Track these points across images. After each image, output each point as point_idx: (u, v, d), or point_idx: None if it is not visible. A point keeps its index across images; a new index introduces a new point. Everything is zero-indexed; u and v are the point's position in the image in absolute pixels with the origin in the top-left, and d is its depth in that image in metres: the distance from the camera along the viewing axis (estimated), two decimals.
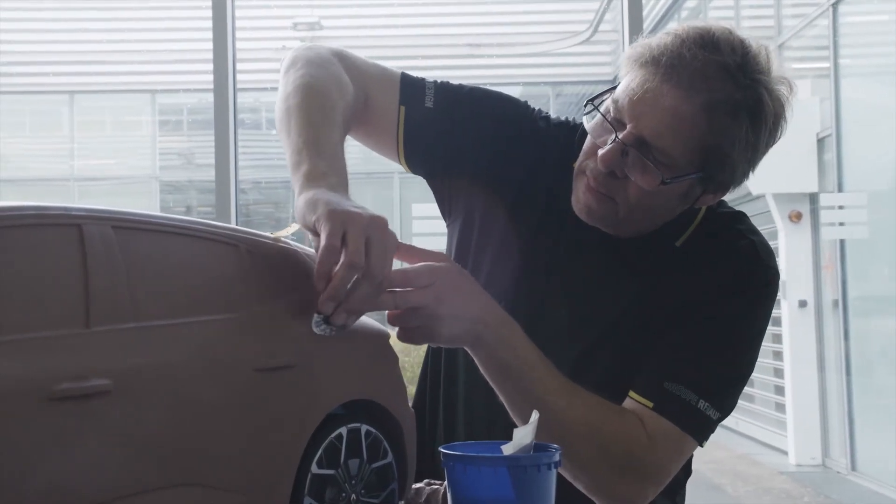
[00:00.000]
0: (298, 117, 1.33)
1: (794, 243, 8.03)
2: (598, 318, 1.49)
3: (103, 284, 0.98)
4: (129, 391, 0.97)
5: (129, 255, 1.03)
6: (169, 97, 11.04)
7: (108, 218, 1.03)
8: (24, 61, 11.20)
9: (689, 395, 1.39)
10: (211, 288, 1.12)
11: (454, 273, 1.31)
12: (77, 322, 0.96)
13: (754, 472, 7.94)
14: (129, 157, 11.56)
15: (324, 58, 1.45)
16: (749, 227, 1.50)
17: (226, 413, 1.06)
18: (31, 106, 11.66)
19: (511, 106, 1.57)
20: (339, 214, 1.13)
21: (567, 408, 1.35)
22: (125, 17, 10.71)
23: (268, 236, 1.23)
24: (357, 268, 1.11)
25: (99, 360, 0.95)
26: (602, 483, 1.40)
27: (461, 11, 10.55)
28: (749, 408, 9.34)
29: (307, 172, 1.24)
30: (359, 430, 1.21)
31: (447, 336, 1.31)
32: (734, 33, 1.36)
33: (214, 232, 1.15)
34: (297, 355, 1.15)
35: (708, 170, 1.36)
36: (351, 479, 1.19)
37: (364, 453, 1.21)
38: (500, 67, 10.25)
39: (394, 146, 1.53)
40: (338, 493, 1.17)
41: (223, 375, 1.07)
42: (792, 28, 8.61)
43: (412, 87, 1.53)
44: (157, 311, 1.04)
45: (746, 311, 1.45)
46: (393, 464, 1.25)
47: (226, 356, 1.08)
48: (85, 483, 0.92)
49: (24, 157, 11.72)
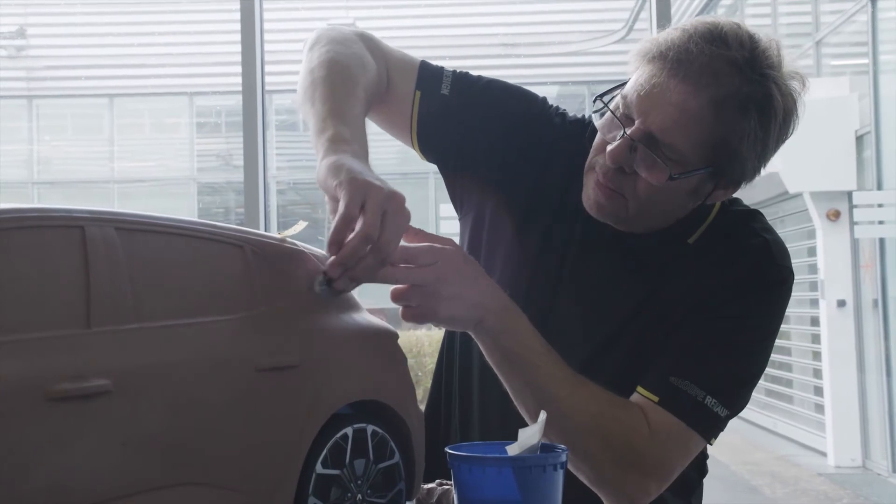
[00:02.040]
0: (324, 88, 1.34)
1: (832, 242, 7.93)
2: (610, 314, 1.48)
3: (105, 285, 0.99)
4: (129, 391, 0.98)
5: (133, 256, 1.04)
6: (206, 99, 11.14)
7: (111, 219, 1.04)
8: (65, 65, 11.37)
9: (695, 391, 1.38)
10: (215, 289, 1.12)
11: (458, 256, 1.31)
12: (78, 322, 0.97)
13: (792, 474, 7.85)
14: (168, 159, 11.68)
15: (347, 37, 1.47)
16: (763, 225, 1.48)
17: (228, 413, 1.07)
18: (72, 109, 11.83)
19: (527, 101, 1.57)
20: (361, 184, 1.14)
21: (569, 397, 1.34)
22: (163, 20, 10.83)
23: (274, 237, 1.24)
24: (371, 239, 1.13)
25: (99, 361, 0.96)
26: (604, 476, 1.39)
27: (495, 11, 10.54)
28: (788, 409, 9.25)
29: (332, 137, 1.25)
30: (365, 430, 1.21)
31: (447, 316, 1.31)
32: (743, 28, 1.34)
33: (219, 233, 1.15)
34: (302, 355, 1.16)
35: (717, 165, 1.34)
36: (357, 479, 1.19)
37: (370, 453, 1.21)
38: (535, 67, 10.22)
39: (407, 130, 1.54)
40: (343, 494, 1.17)
41: (225, 375, 1.07)
42: (830, 24, 8.50)
43: (430, 73, 1.54)
44: (159, 311, 1.04)
45: (758, 310, 1.43)
46: (400, 464, 1.25)
47: (228, 356, 1.08)
48: (84, 482, 0.93)
49: (67, 159, 11.90)
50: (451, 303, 1.30)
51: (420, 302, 1.28)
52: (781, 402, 9.47)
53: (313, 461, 1.15)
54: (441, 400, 1.66)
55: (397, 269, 1.25)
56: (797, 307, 9.21)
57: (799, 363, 9.16)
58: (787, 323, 9.50)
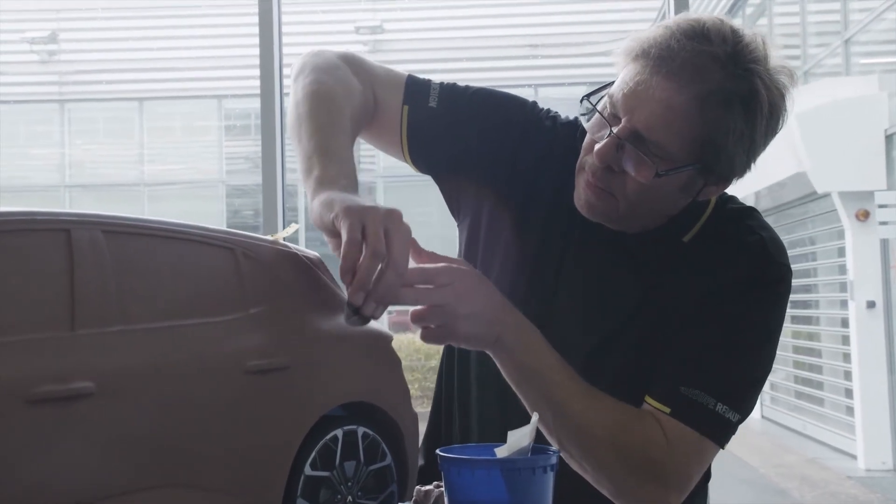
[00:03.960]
0: (308, 124, 1.36)
1: (861, 243, 7.82)
2: (608, 315, 1.46)
3: (90, 288, 1.00)
4: (113, 393, 0.99)
5: (120, 259, 1.05)
6: (235, 102, 11.22)
7: (98, 223, 1.06)
8: (96, 70, 11.49)
9: (706, 399, 1.36)
10: (204, 291, 1.13)
11: (473, 275, 1.32)
12: (62, 325, 0.98)
13: (822, 477, 7.76)
14: (197, 162, 11.77)
15: (331, 63, 1.47)
16: (759, 222, 1.46)
17: (215, 415, 1.08)
18: (103, 113, 11.95)
19: (516, 106, 1.56)
20: (357, 209, 1.16)
21: (586, 411, 1.34)
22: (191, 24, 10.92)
23: (267, 239, 1.24)
24: (380, 256, 1.14)
25: (83, 363, 0.97)
26: (625, 488, 1.38)
27: (522, 12, 10.53)
28: (818, 411, 9.15)
29: (319, 177, 1.27)
30: (356, 433, 1.21)
31: (466, 335, 1.31)
32: (726, 23, 1.33)
33: (209, 236, 1.16)
34: (292, 357, 1.17)
35: (704, 161, 1.33)
36: (347, 480, 1.19)
37: (361, 455, 1.21)
38: (562, 68, 10.20)
39: (398, 145, 1.54)
40: (333, 495, 1.18)
41: (213, 377, 1.08)
42: (859, 22, 8.40)
43: (417, 87, 1.53)
44: (146, 314, 1.05)
45: (758, 310, 1.41)
46: (392, 466, 1.25)
47: (216, 358, 1.09)
48: (66, 483, 0.94)
49: (98, 162, 12.02)
50: (470, 321, 1.30)
51: (440, 322, 1.29)
52: (811, 404, 9.36)
53: (302, 463, 1.16)
54: (442, 403, 1.66)
55: (417, 289, 1.26)
56: (827, 308, 9.11)
57: (829, 365, 9.05)
58: (817, 324, 9.40)
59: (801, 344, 9.76)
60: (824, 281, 9.12)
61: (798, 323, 9.83)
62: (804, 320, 9.74)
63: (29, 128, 12.19)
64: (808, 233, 9.38)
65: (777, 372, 10.30)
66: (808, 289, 9.61)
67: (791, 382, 9.87)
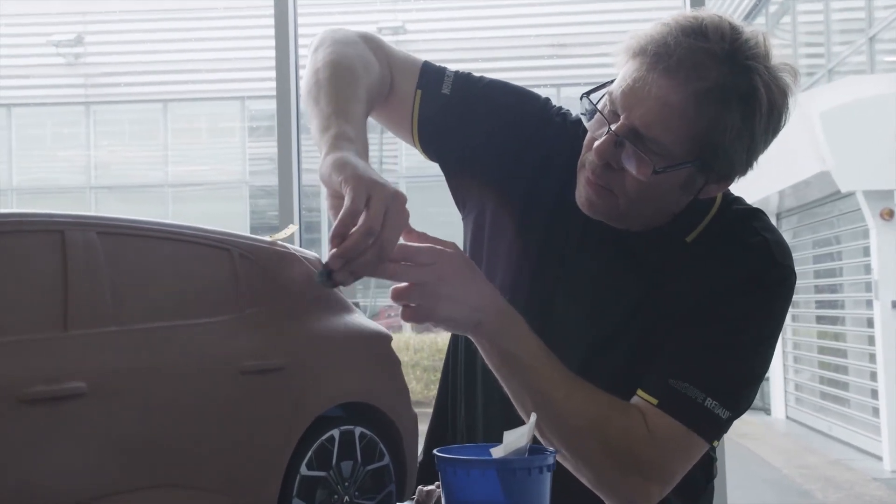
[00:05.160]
0: (328, 88, 1.37)
1: (886, 242, 7.74)
2: (609, 313, 1.46)
3: (83, 288, 1.01)
4: (105, 393, 0.99)
5: (115, 259, 1.06)
6: (258, 103, 11.27)
7: (92, 224, 1.06)
8: (121, 72, 11.58)
9: (694, 393, 1.36)
10: (200, 292, 1.14)
11: (458, 257, 1.32)
12: (54, 325, 0.99)
13: (846, 478, 7.69)
14: (221, 163, 11.83)
15: (351, 39, 1.50)
16: (764, 224, 1.45)
17: (209, 415, 1.08)
18: (128, 115, 12.05)
19: (528, 102, 1.57)
20: (366, 181, 1.17)
21: (566, 400, 1.33)
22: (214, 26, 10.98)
23: (264, 240, 1.25)
24: (373, 234, 1.15)
25: (75, 363, 0.98)
26: (604, 479, 1.37)
27: (546, 12, 10.51)
28: (843, 412, 9.07)
29: (336, 134, 1.28)
30: (353, 433, 1.21)
31: (445, 317, 1.31)
32: (725, 19, 1.32)
33: (205, 237, 1.17)
34: (288, 358, 1.17)
35: (703, 159, 1.33)
36: (344, 480, 1.19)
37: (358, 455, 1.21)
38: (586, 67, 10.17)
39: (409, 129, 1.55)
40: (330, 495, 1.18)
41: (207, 378, 1.09)
42: (883, 20, 8.32)
43: (432, 73, 1.55)
44: (140, 314, 1.06)
45: (758, 310, 1.40)
46: (390, 466, 1.26)
47: (210, 359, 1.10)
48: (58, 483, 0.94)
49: (124, 164, 12.12)
50: (450, 303, 1.30)
51: (419, 301, 1.29)
52: (836, 405, 9.29)
53: (298, 463, 1.16)
54: (447, 402, 1.66)
55: (397, 266, 1.26)
56: (852, 308, 9.03)
57: (854, 365, 8.97)
58: (843, 325, 9.32)
59: (826, 344, 9.68)
60: (849, 281, 9.04)
61: (823, 323, 9.75)
62: (829, 320, 9.66)
63: (55, 130, 12.31)
64: (832, 232, 9.31)
65: (802, 372, 10.22)
66: (833, 289, 9.54)
67: (816, 383, 9.79)
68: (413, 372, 9.88)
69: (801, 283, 8.21)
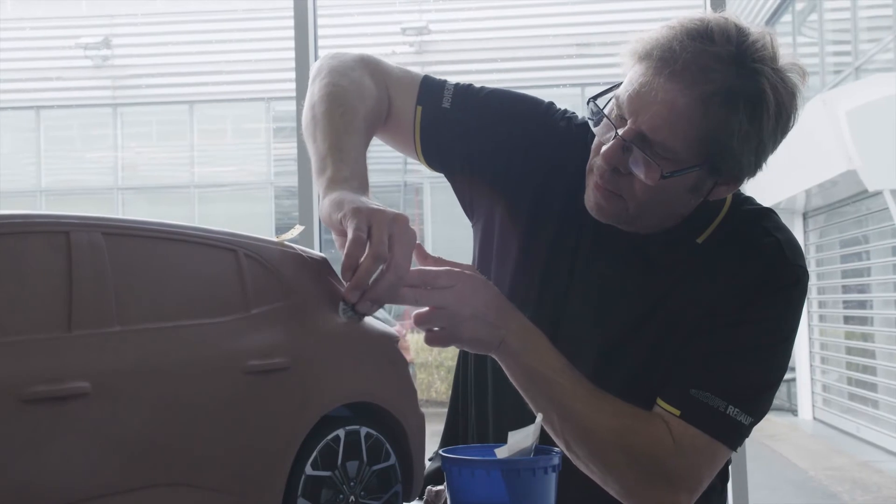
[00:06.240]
0: (323, 125, 1.39)
1: None
2: (621, 316, 1.46)
3: (88, 289, 1.02)
4: (109, 393, 1.00)
5: (120, 260, 1.07)
6: (282, 104, 11.31)
7: (98, 225, 1.07)
8: (148, 73, 11.67)
9: (716, 402, 1.35)
10: (205, 292, 1.15)
11: (476, 279, 1.33)
12: (59, 326, 0.99)
13: (875, 481, 7.62)
14: (247, 164, 11.89)
15: (347, 65, 1.49)
16: (775, 224, 1.44)
17: (214, 415, 1.09)
18: (155, 116, 12.14)
19: (530, 108, 1.56)
20: (365, 211, 1.19)
21: (592, 413, 1.34)
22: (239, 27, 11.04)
23: (272, 240, 1.26)
24: (381, 259, 1.16)
25: (78, 363, 0.99)
26: (632, 490, 1.38)
27: (569, 11, 10.48)
28: (871, 413, 8.98)
29: (331, 177, 1.30)
30: (358, 433, 1.22)
31: (469, 338, 1.32)
32: (731, 21, 1.31)
33: (211, 237, 1.17)
34: (293, 358, 1.17)
35: (710, 162, 1.32)
36: (350, 480, 1.20)
37: (364, 455, 1.22)
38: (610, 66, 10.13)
39: (412, 145, 1.55)
40: (335, 495, 1.18)
41: (211, 378, 1.09)
42: None
43: (431, 88, 1.55)
44: (145, 315, 1.07)
45: (773, 313, 1.39)
46: (396, 466, 1.26)
47: (215, 359, 1.10)
48: (60, 482, 0.95)
49: (151, 165, 12.21)
50: (473, 324, 1.31)
51: (442, 324, 1.30)
52: (864, 406, 9.20)
53: (303, 463, 1.16)
54: (459, 405, 1.66)
55: (416, 290, 1.27)
56: (881, 308, 8.95)
57: (882, 366, 8.89)
58: (871, 325, 9.23)
59: (854, 345, 9.59)
60: (877, 280, 8.95)
61: (851, 323, 9.66)
62: (857, 321, 9.57)
63: (84, 132, 12.42)
64: (860, 231, 9.22)
65: (829, 373, 10.13)
66: (861, 288, 9.44)
67: (844, 384, 9.69)
68: (438, 372, 9.88)
69: (828, 282, 8.17)
